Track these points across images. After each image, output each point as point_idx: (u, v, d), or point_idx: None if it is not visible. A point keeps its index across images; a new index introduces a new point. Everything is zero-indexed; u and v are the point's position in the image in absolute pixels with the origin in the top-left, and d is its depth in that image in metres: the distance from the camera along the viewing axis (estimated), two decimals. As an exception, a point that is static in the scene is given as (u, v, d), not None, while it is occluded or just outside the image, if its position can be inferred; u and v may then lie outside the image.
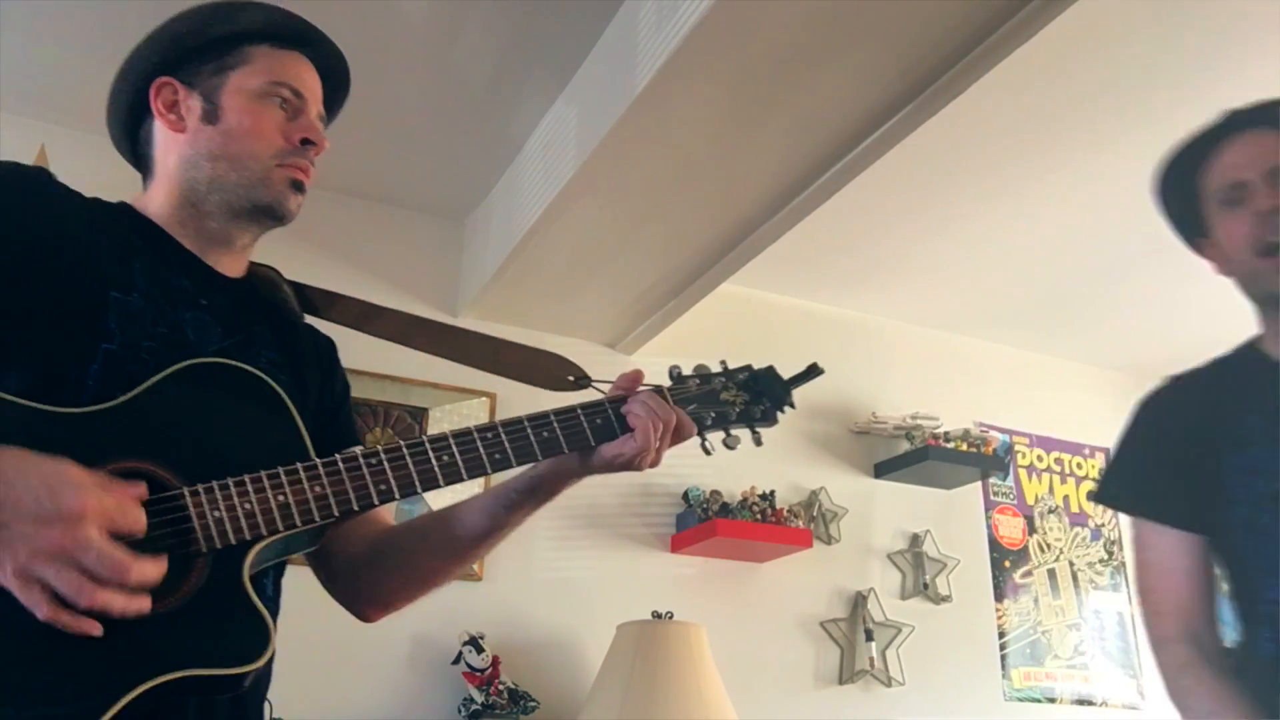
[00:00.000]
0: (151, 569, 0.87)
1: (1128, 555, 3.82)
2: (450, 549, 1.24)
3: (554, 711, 2.70)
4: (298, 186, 1.19)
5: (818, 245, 3.13)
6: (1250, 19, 2.25)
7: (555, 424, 1.15)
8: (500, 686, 2.60)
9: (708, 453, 1.27)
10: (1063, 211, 3.01)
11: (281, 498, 0.99)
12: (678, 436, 1.20)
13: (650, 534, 3.06)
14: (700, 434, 1.26)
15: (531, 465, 1.18)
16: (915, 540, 3.40)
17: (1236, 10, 2.22)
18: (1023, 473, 3.76)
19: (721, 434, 1.28)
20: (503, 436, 1.12)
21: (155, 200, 1.19)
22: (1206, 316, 3.65)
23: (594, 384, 1.27)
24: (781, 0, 1.84)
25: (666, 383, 1.26)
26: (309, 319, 1.31)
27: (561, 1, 2.27)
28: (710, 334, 3.27)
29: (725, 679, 2.63)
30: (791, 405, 1.31)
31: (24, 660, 0.84)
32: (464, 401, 2.93)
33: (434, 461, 1.08)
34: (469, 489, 1.25)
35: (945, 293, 3.53)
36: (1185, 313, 3.63)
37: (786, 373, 1.34)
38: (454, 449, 1.09)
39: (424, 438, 1.09)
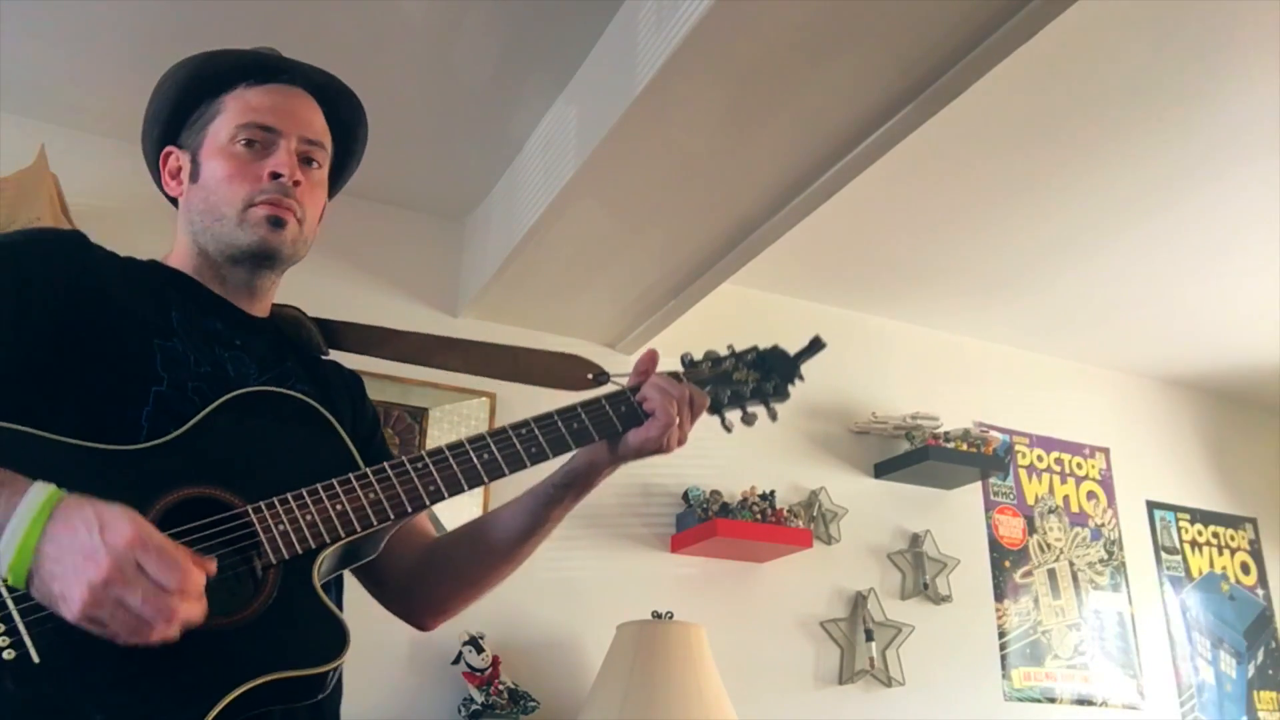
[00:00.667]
0: (197, 580, 0.89)
1: (1128, 555, 3.82)
2: (496, 551, 1.31)
3: (554, 711, 2.70)
4: (275, 223, 1.19)
5: (818, 245, 3.13)
6: (1250, 19, 2.25)
7: (583, 414, 1.21)
8: (500, 686, 2.60)
9: (728, 430, 1.33)
10: (1063, 211, 3.01)
11: (339, 506, 1.05)
12: (695, 411, 1.26)
13: (650, 534, 3.06)
14: (720, 413, 1.33)
15: (565, 460, 1.24)
16: (915, 540, 3.40)
17: (1236, 10, 2.22)
18: (1023, 473, 3.76)
19: (739, 412, 1.34)
20: (536, 431, 1.18)
21: (178, 255, 1.25)
22: (1206, 317, 3.66)
23: (613, 378, 1.31)
24: (781, 0, 1.84)
25: (679, 368, 1.33)
26: (334, 354, 1.37)
27: (561, 1, 2.27)
28: (710, 334, 3.24)
29: (725, 679, 2.62)
30: (801, 378, 1.38)
31: (120, 682, 0.88)
32: (464, 401, 2.93)
33: (475, 460, 1.13)
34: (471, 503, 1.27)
35: (945, 293, 3.53)
36: (1185, 313, 3.64)
37: (790, 349, 1.41)
38: (492, 447, 1.15)
39: (463, 439, 1.15)
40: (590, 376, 1.34)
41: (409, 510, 1.09)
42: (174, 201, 1.29)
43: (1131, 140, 2.67)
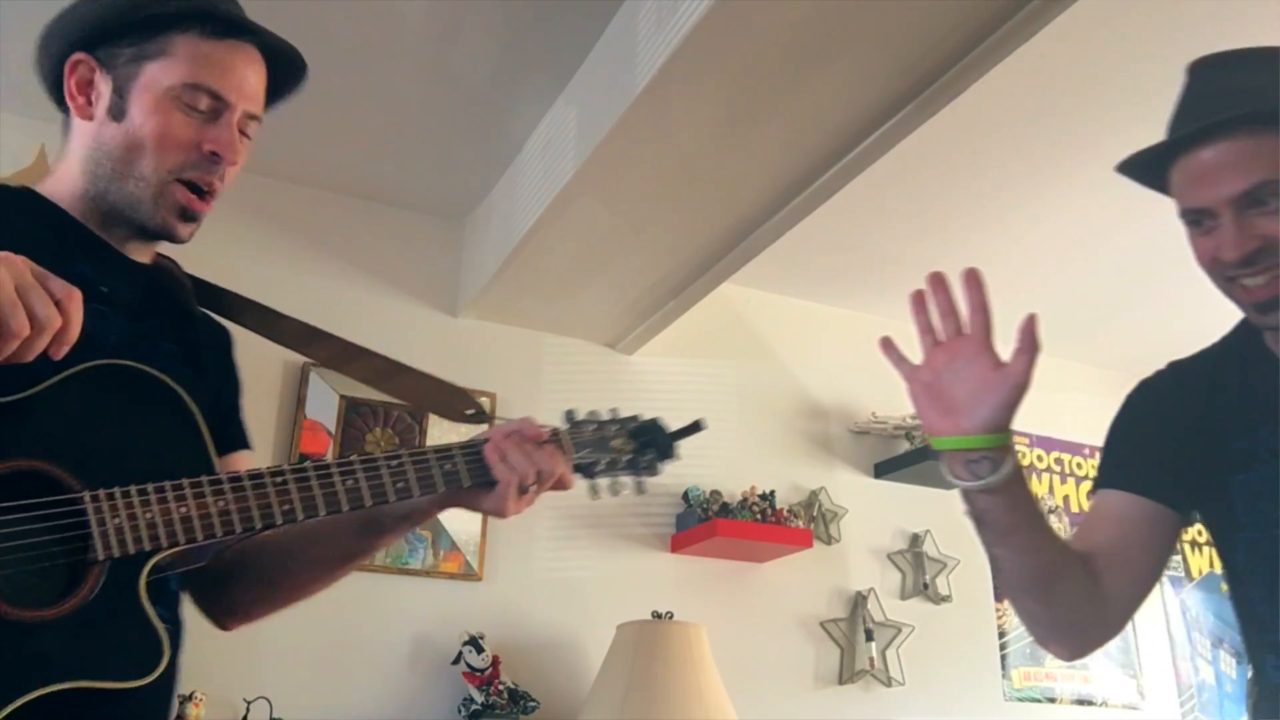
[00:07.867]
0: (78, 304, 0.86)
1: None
2: (317, 567, 1.23)
3: (554, 711, 2.70)
4: (188, 216, 1.12)
5: (818, 245, 3.13)
6: (1250, 18, 2.25)
7: (459, 458, 1.14)
8: (500, 686, 2.60)
9: (595, 496, 1.29)
10: (1063, 211, 3.01)
11: (184, 510, 0.97)
12: (543, 485, 1.19)
13: (650, 534, 3.06)
14: (591, 479, 1.26)
15: None
16: (915, 540, 3.40)
17: (1236, 10, 2.22)
18: (1023, 473, 3.76)
19: (609, 480, 1.29)
20: (408, 466, 1.11)
21: (63, 184, 1.14)
22: (1207, 317, 3.66)
23: (491, 420, 1.28)
24: (781, 0, 1.84)
25: (564, 424, 1.26)
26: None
27: (561, 1, 2.27)
28: (710, 334, 3.27)
29: (725, 679, 2.63)
30: (674, 457, 1.31)
31: None
32: (464, 401, 2.92)
33: (339, 485, 1.06)
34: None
35: (945, 293, 3.53)
36: (1186, 313, 3.63)
37: (673, 425, 1.35)
38: (359, 475, 1.08)
39: (330, 461, 1.08)
40: (470, 412, 1.30)
41: (257, 527, 1.01)
42: (62, 108, 1.17)
43: (1131, 139, 2.66)
